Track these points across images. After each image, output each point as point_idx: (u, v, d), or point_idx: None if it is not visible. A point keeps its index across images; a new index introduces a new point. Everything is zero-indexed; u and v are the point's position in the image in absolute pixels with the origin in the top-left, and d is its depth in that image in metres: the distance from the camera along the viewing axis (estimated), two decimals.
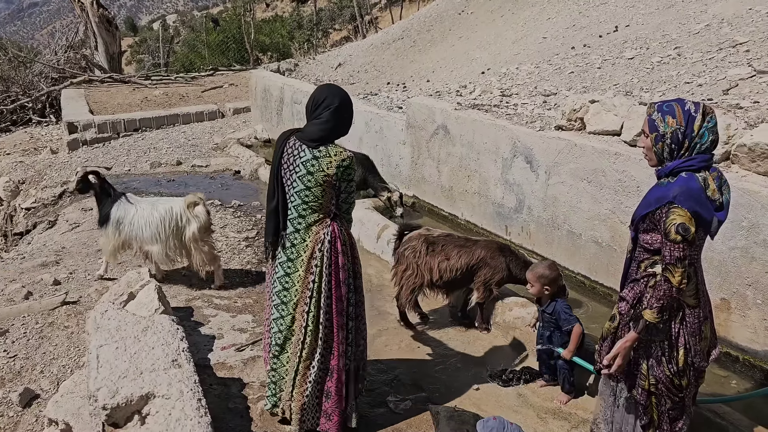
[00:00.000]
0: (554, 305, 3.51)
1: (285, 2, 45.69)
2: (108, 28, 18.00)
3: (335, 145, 2.91)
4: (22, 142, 11.74)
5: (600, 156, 4.44)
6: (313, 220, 2.95)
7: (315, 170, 2.85)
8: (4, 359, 3.95)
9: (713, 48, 5.81)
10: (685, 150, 2.38)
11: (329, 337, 3.02)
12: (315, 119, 2.91)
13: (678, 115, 2.36)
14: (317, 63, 13.96)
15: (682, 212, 2.31)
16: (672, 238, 2.31)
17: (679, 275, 2.33)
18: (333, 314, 3.00)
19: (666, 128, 2.38)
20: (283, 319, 3.05)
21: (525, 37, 9.38)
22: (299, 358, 3.01)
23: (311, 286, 2.96)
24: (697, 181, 2.35)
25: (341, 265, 2.99)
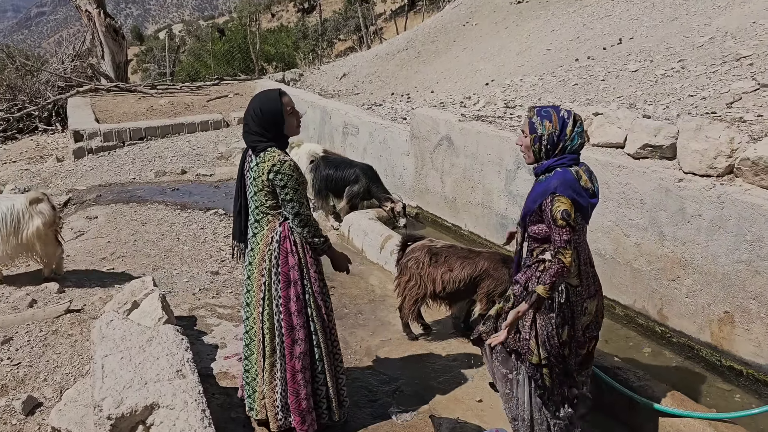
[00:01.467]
0: None
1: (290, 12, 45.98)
2: (115, 38, 18.11)
3: (273, 150, 2.99)
4: (29, 149, 11.81)
5: (603, 168, 4.45)
6: (265, 222, 3.07)
7: (256, 175, 2.99)
8: (7, 367, 3.95)
9: (717, 61, 5.83)
10: (559, 150, 2.75)
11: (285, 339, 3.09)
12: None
13: (554, 120, 2.73)
14: (322, 73, 14.05)
15: (564, 200, 2.63)
16: (559, 223, 2.62)
17: (569, 255, 2.63)
18: (283, 315, 3.06)
19: (544, 131, 2.74)
20: (248, 320, 3.19)
21: (529, 49, 9.43)
22: (263, 357, 3.11)
23: (263, 287, 3.06)
24: (572, 174, 2.71)
25: (291, 265, 3.05)
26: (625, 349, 4.15)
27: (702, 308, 3.91)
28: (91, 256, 6.04)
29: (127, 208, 7.67)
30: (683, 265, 3.97)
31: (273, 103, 3.03)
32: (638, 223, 4.23)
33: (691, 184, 3.87)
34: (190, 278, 5.49)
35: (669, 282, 4.09)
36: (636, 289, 4.36)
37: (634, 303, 4.40)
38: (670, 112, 5.00)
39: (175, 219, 7.17)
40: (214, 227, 6.84)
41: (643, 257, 4.25)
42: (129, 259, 5.96)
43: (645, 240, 4.21)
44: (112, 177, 9.45)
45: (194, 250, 6.17)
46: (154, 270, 5.64)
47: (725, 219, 3.66)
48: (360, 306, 4.93)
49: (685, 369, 3.92)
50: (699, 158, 3.89)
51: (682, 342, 4.08)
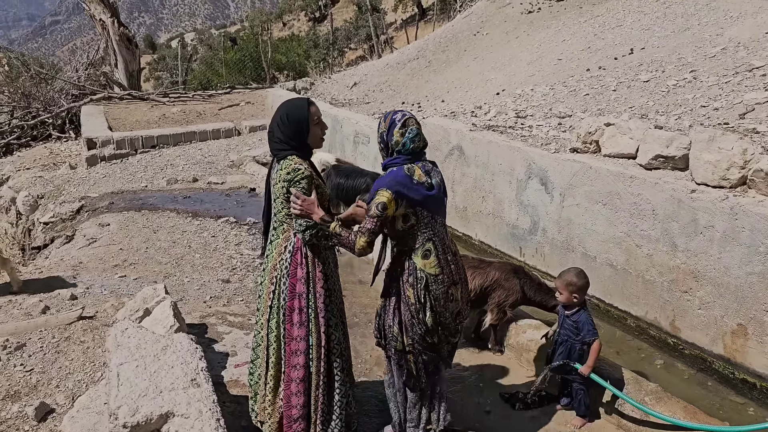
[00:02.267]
0: (581, 314, 3.47)
1: (302, 21, 46.26)
2: (128, 47, 18.30)
3: (292, 158, 2.97)
4: (42, 157, 11.93)
5: (615, 179, 4.44)
6: (281, 231, 3.06)
7: (275, 182, 3.01)
8: (20, 373, 3.98)
9: (729, 72, 5.81)
10: (390, 150, 2.98)
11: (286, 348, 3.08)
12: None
13: (387, 121, 2.98)
14: (333, 82, 14.11)
15: (385, 194, 2.82)
16: (371, 213, 2.84)
17: (364, 241, 2.84)
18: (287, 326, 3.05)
19: (380, 130, 3.01)
20: (257, 325, 3.21)
21: (540, 59, 9.43)
22: (267, 363, 3.12)
23: (272, 295, 3.07)
24: (403, 171, 2.89)
25: (299, 277, 3.03)
26: (637, 361, 4.13)
27: (715, 320, 3.88)
28: (103, 263, 6.08)
29: (139, 216, 7.72)
30: (696, 276, 3.95)
31: (300, 111, 3.03)
32: (650, 234, 4.22)
33: (703, 195, 3.86)
34: (201, 286, 5.52)
35: (681, 293, 4.07)
36: (648, 300, 4.34)
37: (645, 314, 4.38)
38: (682, 122, 4.98)
39: (187, 227, 7.21)
40: (225, 235, 6.87)
41: (655, 268, 4.23)
42: (141, 267, 5.99)
43: (657, 251, 4.19)
44: (125, 184, 9.52)
45: (205, 258, 6.20)
46: (165, 277, 5.67)
47: (738, 230, 3.65)
48: (370, 315, 4.93)
49: (698, 381, 3.89)
50: (712, 169, 3.88)
51: (694, 354, 4.05)
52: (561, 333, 3.56)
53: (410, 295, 2.95)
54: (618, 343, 4.36)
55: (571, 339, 3.50)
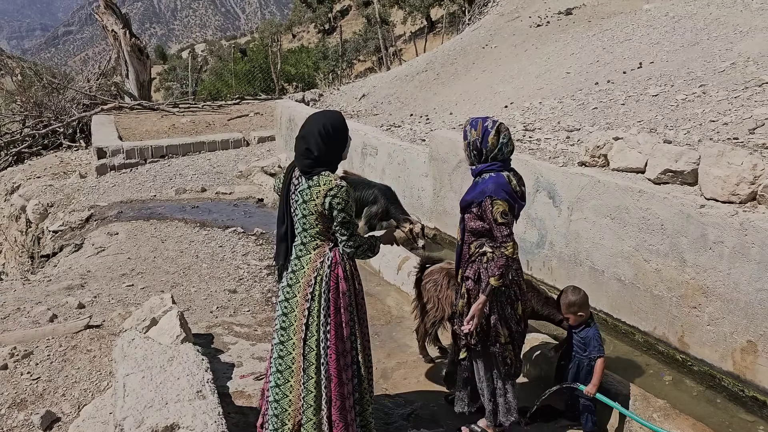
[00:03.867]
0: (588, 330, 3.45)
1: (311, 33, 46.58)
2: (139, 57, 18.47)
3: (328, 174, 2.89)
4: (52, 165, 12.02)
5: (624, 193, 4.43)
6: (313, 247, 2.97)
7: (308, 199, 2.88)
8: (27, 381, 3.99)
9: (739, 86, 5.80)
10: (484, 157, 3.15)
11: (331, 365, 2.95)
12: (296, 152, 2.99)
13: (478, 128, 3.14)
14: (341, 93, 14.17)
15: (501, 202, 3.05)
16: (500, 222, 3.03)
17: (511, 247, 3.04)
18: (332, 341, 2.94)
19: (470, 138, 3.16)
20: (283, 345, 3.01)
21: (548, 72, 9.44)
22: (303, 386, 2.95)
23: (306, 312, 2.94)
24: (504, 178, 3.11)
25: (342, 291, 2.95)
26: (645, 377, 4.09)
27: (724, 336, 3.85)
28: (111, 272, 6.11)
29: (147, 225, 7.76)
30: (705, 292, 3.92)
31: (342, 122, 2.97)
32: (659, 249, 4.20)
33: (712, 211, 3.84)
34: (207, 296, 5.53)
35: (690, 309, 4.04)
36: (656, 315, 4.31)
37: (654, 330, 4.34)
38: (691, 137, 4.97)
39: (195, 236, 7.23)
40: (232, 245, 6.89)
41: (664, 283, 4.20)
42: (148, 276, 6.01)
43: (665, 266, 4.17)
44: (134, 194, 9.58)
45: (212, 268, 6.21)
46: (172, 287, 5.68)
47: (748, 246, 3.62)
48: (377, 327, 4.92)
49: (707, 398, 3.85)
50: (721, 184, 3.86)
51: (703, 371, 4.01)
52: (569, 349, 3.54)
53: (504, 289, 3.18)
54: (626, 358, 4.33)
55: (579, 355, 3.48)
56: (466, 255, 3.27)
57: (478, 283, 3.20)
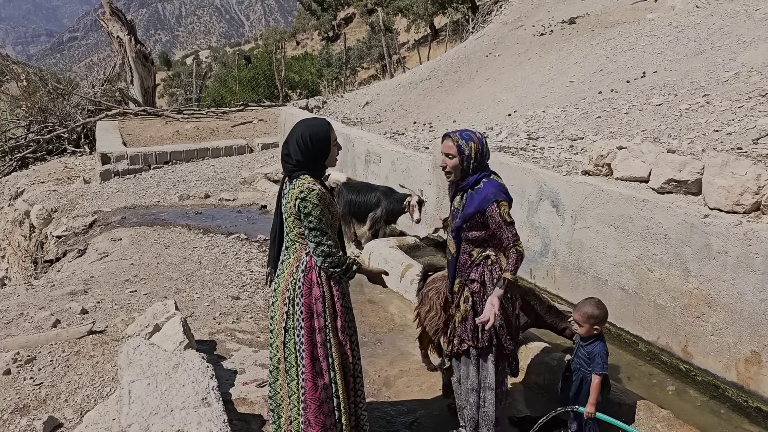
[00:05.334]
0: (596, 345, 3.37)
1: (315, 41, 46.72)
2: (144, 63, 18.55)
3: (304, 177, 2.97)
4: (57, 171, 12.06)
5: (627, 202, 4.43)
6: (292, 251, 3.04)
7: (286, 201, 2.99)
8: (30, 386, 4.00)
9: (743, 96, 5.80)
10: (479, 166, 3.23)
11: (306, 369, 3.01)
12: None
13: (475, 140, 3.21)
14: (345, 101, 14.20)
15: (505, 203, 3.16)
16: (508, 222, 3.13)
17: (521, 245, 3.15)
18: (305, 346, 2.98)
19: (470, 151, 3.19)
20: (271, 347, 3.13)
21: (552, 81, 9.46)
22: (287, 385, 3.06)
23: (285, 316, 3.01)
24: (498, 181, 3.25)
25: (315, 296, 2.98)
26: (648, 387, 4.08)
27: (728, 347, 3.84)
28: (114, 278, 6.12)
29: (150, 231, 7.78)
30: (708, 302, 3.92)
31: (323, 132, 3.01)
32: (662, 259, 4.19)
33: (716, 221, 3.84)
34: (211, 302, 5.53)
35: (694, 319, 4.03)
36: (660, 325, 4.30)
37: (657, 339, 4.34)
38: (695, 146, 4.97)
39: (198, 243, 7.25)
40: (235, 252, 6.90)
41: (667, 293, 4.20)
42: (151, 282, 6.02)
43: (669, 275, 4.16)
44: (137, 199, 9.61)
45: (215, 275, 6.22)
46: (175, 293, 5.69)
47: (752, 256, 3.62)
48: (379, 335, 4.92)
49: (711, 409, 3.83)
50: (725, 194, 3.86)
51: (707, 381, 3.99)
52: (575, 361, 3.50)
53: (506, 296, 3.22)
54: (629, 368, 4.31)
55: (584, 368, 3.44)
56: (467, 262, 3.28)
57: (484, 286, 3.24)
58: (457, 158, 3.20)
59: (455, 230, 3.27)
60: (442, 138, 3.30)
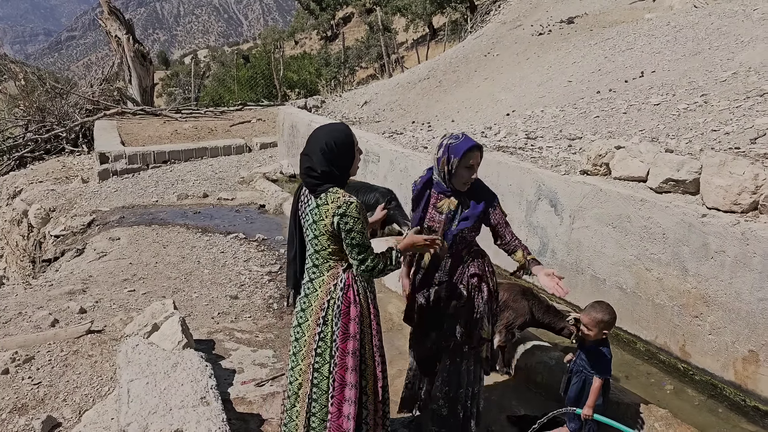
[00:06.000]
0: (601, 349, 3.38)
1: (313, 40, 46.72)
2: (142, 63, 18.54)
3: (336, 191, 2.72)
4: (55, 170, 12.06)
5: (625, 202, 4.44)
6: (326, 268, 2.80)
7: (318, 219, 2.71)
8: (28, 386, 3.99)
9: (740, 96, 5.81)
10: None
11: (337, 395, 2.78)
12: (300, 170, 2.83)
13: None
14: (343, 100, 14.21)
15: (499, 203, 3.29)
16: (506, 215, 3.30)
17: None
18: (338, 369, 2.76)
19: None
20: (293, 371, 2.88)
21: (550, 80, 9.47)
22: (307, 413, 2.81)
23: (317, 337, 2.78)
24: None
25: (352, 317, 2.77)
26: (646, 386, 4.09)
27: (726, 346, 3.84)
28: (112, 277, 6.11)
29: (149, 230, 7.77)
30: (706, 301, 3.92)
31: (347, 137, 2.79)
32: (660, 258, 4.20)
33: (714, 220, 3.85)
34: (209, 302, 5.53)
35: (692, 318, 4.04)
36: (658, 324, 4.31)
37: (655, 339, 4.34)
38: (692, 146, 4.98)
39: (196, 242, 7.24)
40: (234, 251, 6.90)
41: (665, 292, 4.21)
42: (150, 281, 6.02)
43: (667, 275, 4.17)
44: (136, 199, 9.60)
45: (214, 274, 6.22)
46: (174, 292, 5.69)
47: (750, 256, 3.63)
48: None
49: (709, 408, 3.84)
50: (723, 194, 3.87)
51: (705, 380, 4.01)
52: (577, 362, 3.49)
53: (492, 287, 3.34)
54: (627, 367, 4.32)
55: (586, 370, 3.43)
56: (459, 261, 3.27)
57: (482, 279, 3.29)
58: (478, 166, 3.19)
59: (458, 231, 3.19)
60: (468, 150, 3.10)
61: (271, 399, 3.95)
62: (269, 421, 3.72)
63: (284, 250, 6.90)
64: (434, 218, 3.25)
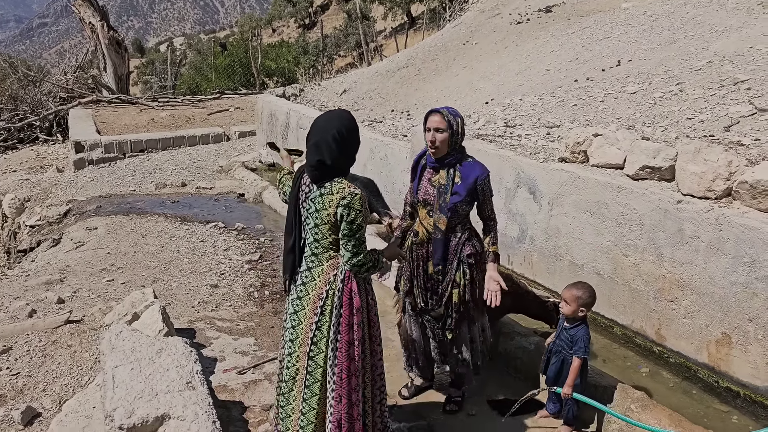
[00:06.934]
0: (579, 330, 3.44)
1: (291, 28, 46.33)
2: (117, 50, 18.24)
3: (341, 181, 2.73)
4: (29, 159, 11.85)
5: (603, 189, 4.50)
6: (325, 258, 2.80)
7: (320, 207, 2.71)
8: (6, 377, 3.96)
9: (715, 85, 5.91)
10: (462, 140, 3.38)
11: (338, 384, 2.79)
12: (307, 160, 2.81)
13: (461, 116, 3.35)
14: (322, 89, 14.12)
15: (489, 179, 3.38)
16: (492, 195, 3.41)
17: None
18: (341, 359, 2.77)
19: (457, 126, 3.30)
20: (290, 356, 2.90)
21: (528, 69, 9.52)
22: (304, 400, 2.85)
23: (314, 326, 2.79)
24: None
25: (356, 307, 2.78)
26: (623, 369, 4.17)
27: (700, 329, 3.94)
28: (90, 267, 6.05)
29: (127, 220, 7.70)
30: (681, 285, 4.01)
31: (353, 123, 2.77)
32: (637, 244, 4.28)
33: (689, 206, 3.92)
34: (189, 291, 5.51)
35: (667, 302, 4.13)
36: (634, 309, 4.39)
37: (632, 323, 4.43)
38: (668, 134, 5.06)
39: (175, 231, 7.19)
40: (213, 240, 6.87)
41: (642, 277, 4.29)
42: (129, 271, 5.97)
43: (643, 260, 4.25)
44: (113, 188, 9.49)
45: (194, 263, 6.19)
46: (153, 282, 5.66)
47: (723, 241, 3.71)
48: None
49: (683, 390, 3.94)
50: (697, 180, 3.95)
51: (679, 362, 4.10)
52: (556, 343, 3.56)
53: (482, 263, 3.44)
54: (604, 351, 4.41)
55: (565, 351, 3.50)
56: (454, 240, 3.41)
57: (477, 258, 3.42)
58: (447, 132, 3.27)
59: (452, 205, 3.32)
60: (428, 113, 3.33)
61: (253, 386, 3.96)
62: (251, 408, 3.73)
63: (264, 239, 6.89)
64: (429, 192, 3.43)
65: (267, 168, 10.45)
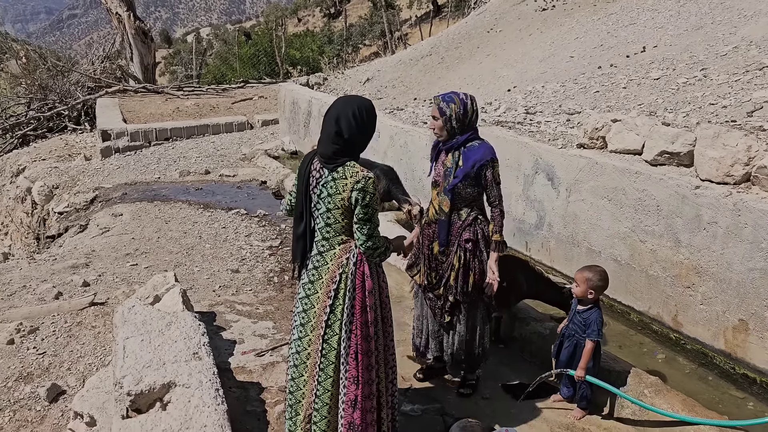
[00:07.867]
0: (592, 313, 3.45)
1: (317, 17, 46.38)
2: (144, 40, 18.48)
3: (353, 165, 2.70)
4: (57, 148, 12.11)
5: (621, 174, 4.47)
6: (337, 242, 2.79)
7: (333, 192, 2.69)
8: (33, 356, 4.10)
9: (740, 70, 5.80)
10: (466, 127, 3.36)
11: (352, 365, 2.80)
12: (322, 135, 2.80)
13: (457, 102, 3.33)
14: (346, 77, 14.16)
15: (497, 164, 3.39)
16: (497, 182, 3.39)
17: (503, 204, 3.42)
18: (356, 340, 2.79)
19: (451, 112, 3.32)
20: (300, 341, 2.90)
21: (552, 56, 9.43)
22: (316, 382, 2.85)
23: (328, 309, 2.79)
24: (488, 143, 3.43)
25: (369, 289, 2.79)
26: (639, 355, 4.16)
27: (716, 315, 3.90)
28: (115, 252, 6.20)
29: (151, 207, 7.84)
30: (698, 272, 3.98)
31: (372, 109, 2.76)
32: (654, 230, 4.25)
33: (707, 192, 3.88)
34: (210, 275, 5.61)
35: (684, 289, 4.10)
36: (651, 295, 4.37)
37: (648, 309, 4.41)
38: (690, 120, 4.99)
39: (198, 218, 7.31)
40: (235, 226, 6.97)
41: (659, 264, 4.26)
42: (152, 256, 6.10)
43: (661, 246, 4.22)
44: (138, 176, 9.67)
45: (215, 248, 6.29)
46: (176, 266, 5.77)
47: (741, 227, 3.67)
48: None
49: (699, 376, 3.91)
50: (716, 166, 3.90)
51: (696, 349, 4.07)
52: (570, 327, 3.57)
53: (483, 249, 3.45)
54: (621, 337, 4.39)
55: (578, 335, 3.51)
56: (457, 223, 3.46)
57: (477, 244, 3.43)
58: (440, 119, 3.35)
59: (452, 187, 3.38)
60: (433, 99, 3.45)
61: (271, 368, 4.04)
62: (268, 389, 3.81)
63: (285, 225, 6.97)
64: (439, 173, 3.51)
65: (289, 156, 10.54)
